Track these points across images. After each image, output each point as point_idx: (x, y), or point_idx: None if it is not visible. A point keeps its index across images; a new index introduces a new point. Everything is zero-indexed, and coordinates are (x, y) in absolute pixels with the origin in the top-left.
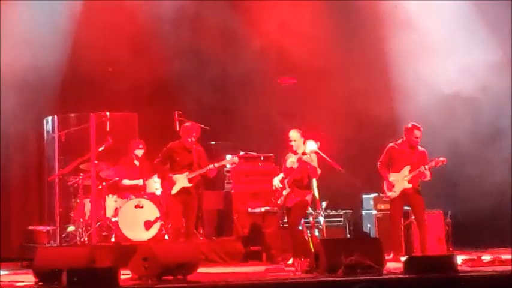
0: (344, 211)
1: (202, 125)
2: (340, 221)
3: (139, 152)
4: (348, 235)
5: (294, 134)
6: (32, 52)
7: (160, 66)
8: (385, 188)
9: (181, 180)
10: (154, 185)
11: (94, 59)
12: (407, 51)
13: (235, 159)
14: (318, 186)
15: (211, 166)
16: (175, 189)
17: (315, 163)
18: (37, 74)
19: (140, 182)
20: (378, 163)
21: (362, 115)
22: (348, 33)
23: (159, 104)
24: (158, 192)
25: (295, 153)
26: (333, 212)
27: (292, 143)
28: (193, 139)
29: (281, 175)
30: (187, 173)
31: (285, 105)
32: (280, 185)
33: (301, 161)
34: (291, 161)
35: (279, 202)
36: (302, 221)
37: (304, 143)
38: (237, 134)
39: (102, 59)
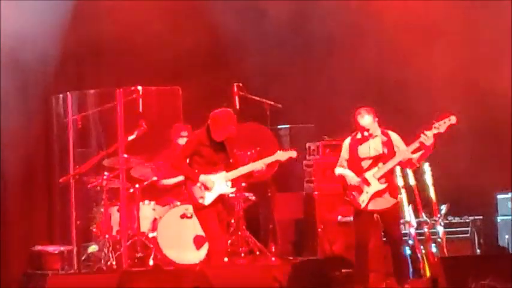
0: (472, 218)
1: (272, 102)
2: (466, 232)
3: (184, 141)
4: (478, 250)
5: (368, 120)
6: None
7: (211, 24)
8: None
9: (218, 184)
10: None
11: (121, 18)
12: None
13: (293, 153)
14: (434, 184)
15: (258, 165)
16: (211, 197)
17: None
18: (37, 42)
19: None
20: None
21: (487, 89)
22: None
23: (211, 74)
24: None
25: (369, 135)
26: (457, 219)
27: (366, 133)
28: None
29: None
30: (224, 173)
31: (379, 72)
32: (357, 180)
33: (389, 145)
34: (372, 147)
35: (362, 203)
36: (413, 232)
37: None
38: (319, 115)
39: (130, 20)
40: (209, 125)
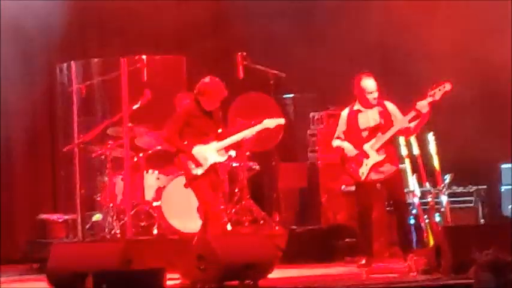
0: (475, 187)
1: (276, 71)
2: (470, 201)
3: None
4: (482, 220)
5: (372, 83)
6: None
7: None
8: None
9: (210, 154)
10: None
11: None
12: None
13: (280, 120)
14: (438, 154)
15: (248, 133)
16: (204, 167)
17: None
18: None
19: None
20: None
21: (491, 58)
22: None
23: (215, 43)
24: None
25: (367, 106)
26: (460, 189)
27: (374, 95)
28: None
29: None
30: (215, 143)
31: (383, 41)
32: (355, 152)
33: (386, 115)
34: (371, 117)
35: (362, 176)
36: (417, 201)
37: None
38: (323, 84)
39: None
40: (198, 95)
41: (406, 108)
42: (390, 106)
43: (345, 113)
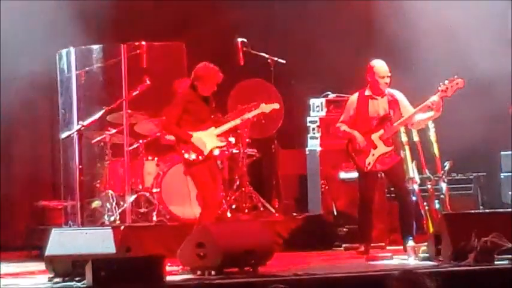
0: (475, 174)
1: (276, 58)
2: (469, 188)
3: None
4: (482, 207)
5: (385, 68)
6: None
7: None
8: None
9: (209, 139)
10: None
11: None
12: None
13: (275, 105)
14: (437, 141)
15: (247, 116)
16: (204, 153)
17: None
18: None
19: None
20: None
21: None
22: None
23: (214, 29)
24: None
25: (378, 93)
26: (460, 176)
27: (387, 80)
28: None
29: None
30: (213, 129)
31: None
32: (364, 141)
33: (396, 105)
34: (381, 106)
35: (368, 166)
36: (416, 188)
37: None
38: (324, 71)
39: None
40: (194, 80)
41: (416, 100)
42: (400, 96)
43: (354, 97)
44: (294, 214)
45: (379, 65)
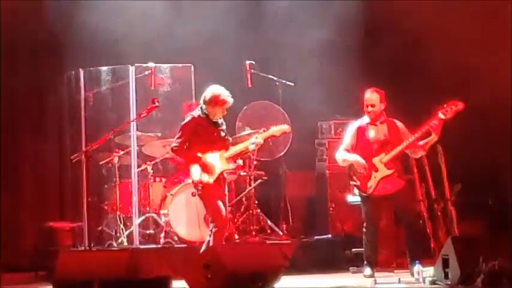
0: (484, 198)
1: (284, 80)
2: (478, 212)
3: None
4: (490, 230)
5: (373, 96)
6: None
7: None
8: None
9: (219, 162)
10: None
11: None
12: None
13: (285, 126)
14: (445, 164)
15: (257, 140)
16: (214, 176)
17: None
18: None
19: None
20: None
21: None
22: None
23: (221, 51)
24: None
25: (373, 120)
26: (468, 200)
27: (370, 109)
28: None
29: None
30: (223, 151)
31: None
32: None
33: (395, 131)
34: (381, 131)
35: (369, 189)
36: (424, 211)
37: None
38: (332, 94)
39: None
40: (203, 105)
41: (416, 123)
42: (399, 124)
43: (353, 126)
44: (302, 237)
45: (366, 93)
